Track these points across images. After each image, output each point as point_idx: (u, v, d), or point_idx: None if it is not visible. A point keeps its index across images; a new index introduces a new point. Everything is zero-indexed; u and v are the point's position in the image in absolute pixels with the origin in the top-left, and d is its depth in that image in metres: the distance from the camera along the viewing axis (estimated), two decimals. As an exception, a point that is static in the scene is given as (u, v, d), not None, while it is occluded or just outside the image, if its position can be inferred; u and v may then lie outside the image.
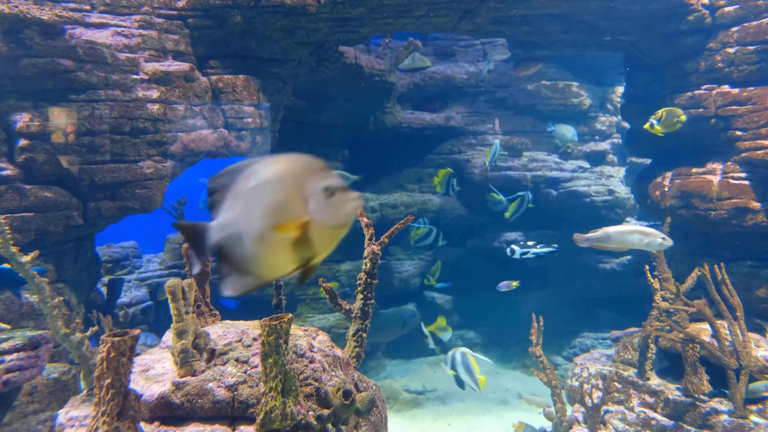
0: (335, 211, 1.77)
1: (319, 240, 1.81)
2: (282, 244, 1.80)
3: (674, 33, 7.79)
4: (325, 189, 1.78)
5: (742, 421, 5.76)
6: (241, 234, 1.86)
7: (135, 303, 9.05)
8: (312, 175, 1.81)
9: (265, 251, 1.84)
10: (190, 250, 2.06)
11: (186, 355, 3.58)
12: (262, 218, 1.81)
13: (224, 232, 1.91)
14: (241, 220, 1.86)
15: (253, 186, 1.87)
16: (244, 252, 1.86)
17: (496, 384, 10.25)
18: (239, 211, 1.88)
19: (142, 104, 6.67)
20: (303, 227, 1.77)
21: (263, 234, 1.81)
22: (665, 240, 5.72)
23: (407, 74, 12.47)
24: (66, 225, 6.30)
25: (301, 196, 1.78)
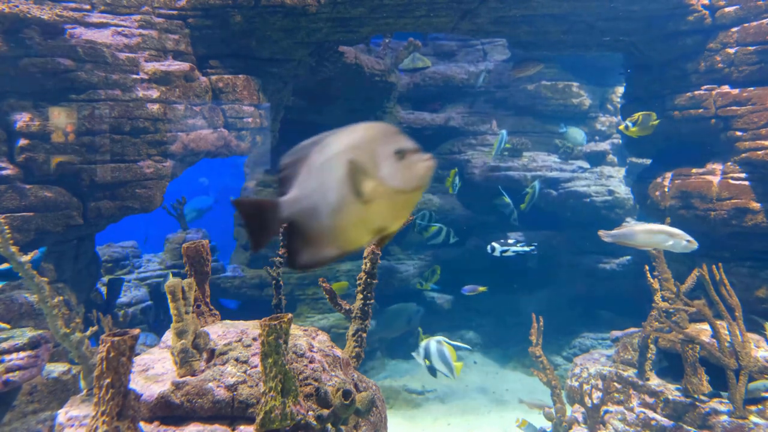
0: (407, 174, 1.73)
1: (393, 206, 1.78)
2: (358, 214, 1.77)
3: (674, 33, 7.79)
4: (396, 152, 1.75)
5: (742, 421, 5.76)
6: (316, 207, 1.85)
7: (135, 303, 9.04)
8: (383, 140, 1.79)
9: (341, 222, 1.81)
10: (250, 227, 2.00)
11: (186, 354, 3.58)
12: (337, 190, 1.78)
13: (297, 206, 1.90)
14: (316, 193, 1.85)
15: (326, 158, 1.86)
16: (319, 225, 1.85)
17: (496, 384, 10.25)
18: (313, 184, 1.87)
19: (142, 104, 6.67)
20: (377, 194, 1.73)
21: (339, 205, 1.79)
22: (690, 242, 5.67)
23: (407, 74, 12.48)
24: (66, 225, 6.30)
25: (375, 163, 1.75)
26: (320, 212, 1.84)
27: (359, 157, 1.77)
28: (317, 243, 1.88)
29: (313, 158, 1.90)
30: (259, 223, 1.97)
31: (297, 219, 1.90)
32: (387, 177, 1.73)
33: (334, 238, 1.85)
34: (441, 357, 7.04)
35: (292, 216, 1.90)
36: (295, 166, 1.94)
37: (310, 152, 1.92)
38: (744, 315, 6.07)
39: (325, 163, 1.86)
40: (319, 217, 1.84)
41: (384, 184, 1.73)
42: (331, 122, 10.97)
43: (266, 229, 1.97)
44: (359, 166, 1.75)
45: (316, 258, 1.88)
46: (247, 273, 10.78)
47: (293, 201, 1.91)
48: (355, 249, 1.92)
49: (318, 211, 1.84)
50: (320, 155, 1.88)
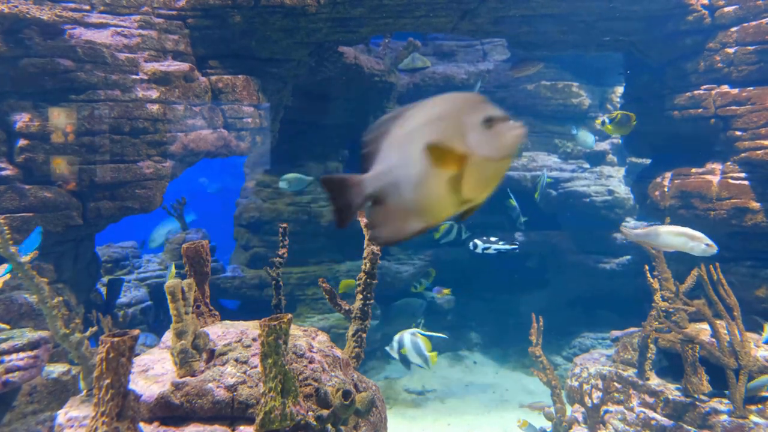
0: (496, 142, 1.69)
1: (481, 177, 1.74)
2: (443, 185, 1.74)
3: (674, 33, 7.79)
4: (484, 121, 1.70)
5: (742, 421, 5.77)
6: (399, 181, 1.83)
7: (134, 303, 9.04)
8: (469, 109, 1.74)
9: (426, 195, 1.79)
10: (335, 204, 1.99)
11: (185, 355, 3.58)
12: (421, 162, 1.75)
13: (380, 182, 1.88)
14: (399, 166, 1.83)
15: (409, 131, 1.83)
16: (402, 199, 1.83)
17: (496, 384, 10.25)
18: (396, 158, 1.85)
19: (141, 104, 6.67)
20: (463, 163, 1.70)
21: (423, 178, 1.76)
22: (710, 246, 5.71)
23: (407, 74, 12.47)
24: (65, 225, 6.30)
25: (460, 132, 1.71)
26: (403, 186, 1.82)
27: (444, 128, 1.73)
28: (401, 217, 1.86)
29: (395, 132, 1.88)
30: (344, 199, 1.95)
31: (381, 194, 1.88)
32: (475, 146, 1.69)
33: (418, 211, 1.83)
34: (415, 349, 7.07)
35: (376, 191, 1.89)
36: (376, 142, 1.92)
37: (391, 127, 1.90)
38: (744, 314, 6.07)
39: (407, 136, 1.83)
40: (403, 191, 1.82)
41: (472, 153, 1.69)
42: (331, 122, 10.97)
43: (351, 206, 1.95)
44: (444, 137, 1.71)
45: (399, 233, 1.87)
46: (247, 273, 10.78)
47: (376, 176, 1.89)
48: (440, 222, 1.90)
49: (401, 185, 1.83)
50: (402, 129, 1.86)
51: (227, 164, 15.89)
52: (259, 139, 8.04)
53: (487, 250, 8.50)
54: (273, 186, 11.18)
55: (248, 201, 11.44)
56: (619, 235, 11.05)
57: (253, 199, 11.38)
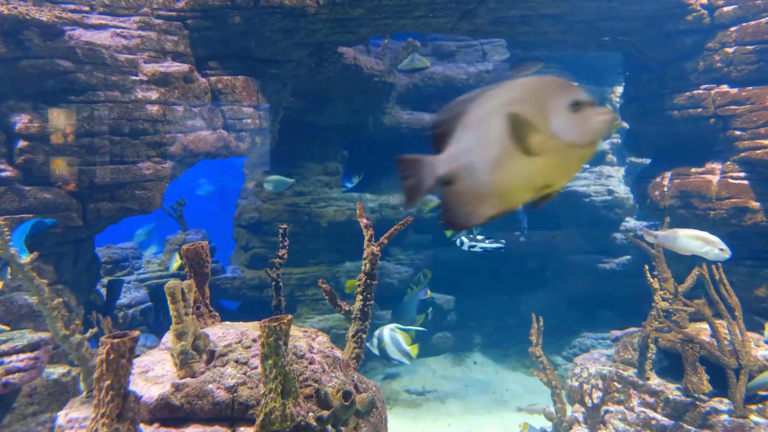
0: (582, 127, 1.63)
1: (563, 162, 1.69)
2: (521, 170, 1.70)
3: (673, 33, 7.79)
4: (569, 105, 1.65)
5: (742, 420, 5.77)
6: (474, 163, 1.78)
7: (134, 304, 9.03)
8: (554, 92, 1.69)
9: (502, 179, 1.74)
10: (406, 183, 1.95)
11: (185, 356, 3.58)
12: (499, 144, 1.70)
13: (454, 163, 1.83)
14: (475, 148, 1.78)
15: (488, 112, 1.77)
16: (476, 182, 1.79)
17: (496, 384, 10.25)
18: (472, 139, 1.80)
19: (141, 105, 6.67)
20: (545, 147, 1.65)
21: (501, 161, 1.71)
22: (723, 251, 5.76)
23: (406, 75, 12.47)
24: (65, 226, 6.30)
25: (543, 116, 1.66)
26: (479, 169, 1.77)
27: (527, 110, 1.67)
28: (474, 201, 1.82)
29: (472, 113, 1.83)
30: (416, 179, 1.92)
31: (453, 176, 1.84)
32: (559, 130, 1.64)
33: (493, 195, 1.78)
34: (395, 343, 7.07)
35: (449, 173, 1.85)
36: (450, 123, 1.88)
37: (468, 108, 1.84)
38: (744, 314, 6.07)
39: (485, 117, 1.78)
40: (478, 174, 1.78)
41: (555, 137, 1.64)
42: (331, 123, 10.98)
43: (422, 186, 1.92)
44: (526, 119, 1.65)
45: (473, 217, 1.83)
46: (247, 274, 10.78)
47: (450, 158, 1.85)
48: (515, 207, 1.85)
49: (476, 168, 1.78)
50: (480, 110, 1.81)
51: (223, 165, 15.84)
52: (259, 139, 8.04)
53: (473, 248, 8.53)
54: (273, 187, 11.18)
55: (248, 202, 11.45)
56: (619, 235, 11.06)
57: (252, 199, 11.38)
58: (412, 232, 11.73)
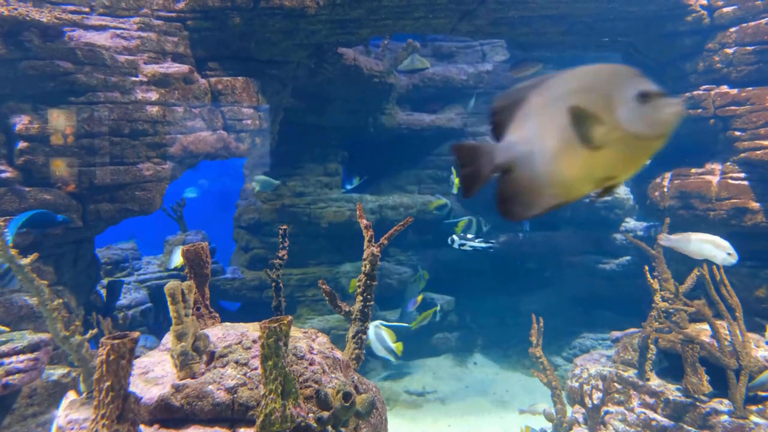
0: (650, 119, 1.55)
1: (628, 154, 1.62)
2: (583, 162, 1.64)
3: (673, 34, 7.80)
4: (637, 95, 1.58)
5: (743, 421, 5.76)
6: (534, 152, 1.73)
7: (134, 305, 9.03)
8: (621, 81, 1.62)
9: (563, 170, 1.68)
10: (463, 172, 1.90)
11: (185, 357, 3.57)
12: (560, 135, 1.65)
13: (513, 152, 1.78)
14: (535, 138, 1.73)
15: (550, 101, 1.72)
16: (536, 172, 1.73)
17: (496, 385, 10.25)
18: (532, 128, 1.74)
19: (141, 106, 6.67)
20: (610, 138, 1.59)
21: (561, 152, 1.66)
22: (731, 255, 5.80)
23: (406, 76, 12.47)
24: (65, 227, 6.30)
25: (609, 106, 1.59)
26: (538, 159, 1.72)
27: (591, 100, 1.61)
28: (533, 191, 1.77)
29: (533, 101, 1.77)
30: (473, 167, 1.87)
31: (512, 165, 1.79)
32: (625, 122, 1.57)
33: (552, 186, 1.73)
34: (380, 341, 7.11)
35: (507, 162, 1.80)
36: (509, 111, 1.83)
37: (528, 95, 1.79)
38: (744, 315, 6.07)
39: (546, 105, 1.72)
40: (537, 164, 1.72)
41: (620, 129, 1.57)
42: (330, 124, 10.97)
43: (479, 175, 1.87)
44: (589, 112, 1.59)
45: (531, 207, 1.78)
46: (247, 275, 10.78)
47: (509, 146, 1.80)
48: (575, 198, 1.79)
49: (536, 157, 1.73)
50: (541, 98, 1.75)
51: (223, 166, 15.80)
52: (259, 140, 8.04)
53: (463, 246, 8.57)
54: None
55: (248, 203, 11.45)
56: (619, 236, 11.05)
57: (252, 200, 11.38)
58: (412, 232, 11.73)
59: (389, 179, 12.55)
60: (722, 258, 5.85)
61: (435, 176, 12.40)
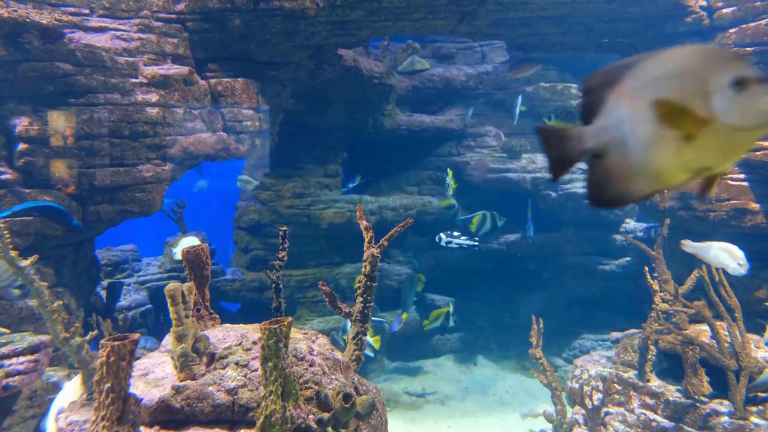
0: (747, 109, 1.46)
1: (724, 145, 1.54)
2: (677, 151, 1.57)
3: (672, 34, 7.81)
4: (733, 82, 1.48)
5: (743, 422, 5.76)
6: (625, 139, 1.66)
7: (134, 306, 9.03)
8: (716, 66, 1.52)
9: (655, 159, 1.62)
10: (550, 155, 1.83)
11: (186, 358, 3.57)
12: (651, 122, 1.58)
13: (603, 137, 1.72)
14: (626, 123, 1.66)
15: (642, 84, 1.64)
16: (626, 159, 1.67)
17: (496, 386, 10.24)
18: (624, 112, 1.67)
19: (141, 108, 6.67)
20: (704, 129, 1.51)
21: (654, 140, 1.59)
22: (741, 265, 5.85)
23: (406, 77, 12.48)
24: (65, 229, 6.29)
25: (703, 92, 1.50)
26: (629, 146, 1.65)
27: (683, 88, 1.54)
28: (624, 178, 1.70)
29: (625, 84, 1.69)
30: (560, 152, 1.81)
31: (602, 150, 1.73)
32: (720, 112, 1.49)
33: (644, 175, 1.66)
34: None
35: (597, 147, 1.74)
36: (601, 92, 1.75)
37: (621, 76, 1.71)
38: (744, 316, 6.07)
39: (639, 90, 1.64)
40: (628, 151, 1.66)
41: (715, 120, 1.49)
42: (330, 125, 10.97)
43: (567, 159, 1.81)
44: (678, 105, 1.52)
45: (622, 195, 1.72)
46: (247, 276, 10.78)
47: (599, 131, 1.73)
48: (670, 187, 1.73)
49: (626, 145, 1.66)
50: (633, 81, 1.67)
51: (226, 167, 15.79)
52: (259, 141, 8.05)
53: (449, 244, 8.66)
54: (273, 189, 11.18)
55: (248, 204, 11.45)
56: (619, 237, 11.05)
57: (252, 201, 11.38)
58: (412, 233, 11.73)
59: (389, 180, 12.55)
60: (733, 267, 5.92)
61: (435, 177, 12.41)
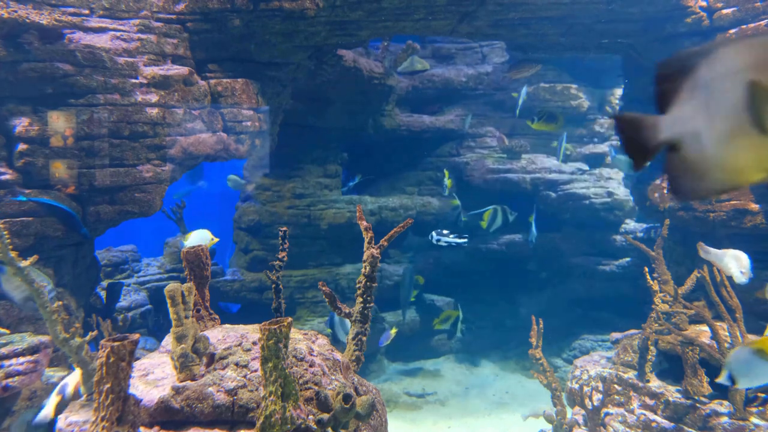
0: None
1: None
2: (758, 148, 1.48)
3: (672, 35, 7.81)
4: None
5: (743, 422, 5.76)
6: (700, 132, 1.58)
7: (134, 307, 9.03)
8: None
9: (733, 155, 1.53)
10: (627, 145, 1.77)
11: (185, 359, 3.57)
12: (731, 115, 1.50)
13: (678, 128, 1.64)
14: (702, 115, 1.57)
15: (722, 74, 1.54)
16: (702, 153, 1.59)
17: (496, 386, 10.24)
18: (700, 104, 1.58)
19: (141, 108, 6.67)
20: None
21: (731, 135, 1.51)
22: (743, 274, 5.89)
23: (406, 77, 12.49)
24: (65, 229, 6.30)
25: None
26: (705, 139, 1.57)
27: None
28: (700, 174, 1.62)
29: (701, 73, 1.60)
30: (636, 141, 1.75)
31: (679, 141, 1.65)
32: None
33: (719, 171, 1.58)
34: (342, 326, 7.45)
35: (672, 138, 1.66)
36: (676, 80, 1.67)
37: (697, 64, 1.62)
38: (744, 316, 6.07)
39: (717, 79, 1.55)
40: (704, 144, 1.58)
41: None
42: (330, 125, 10.99)
43: (644, 149, 1.74)
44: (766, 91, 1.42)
45: (698, 189, 1.65)
46: (247, 276, 10.77)
47: (674, 121, 1.66)
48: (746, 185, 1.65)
49: (702, 138, 1.58)
50: (712, 69, 1.57)
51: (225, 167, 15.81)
52: (259, 142, 8.05)
53: (438, 241, 8.83)
54: (273, 189, 11.18)
55: (248, 204, 11.45)
56: (619, 237, 11.06)
57: (252, 202, 11.38)
58: (412, 234, 11.73)
59: (389, 181, 12.55)
60: (737, 276, 5.95)
61: (434, 178, 12.41)
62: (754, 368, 4.45)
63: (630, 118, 1.79)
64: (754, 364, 4.43)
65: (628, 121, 1.79)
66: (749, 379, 4.55)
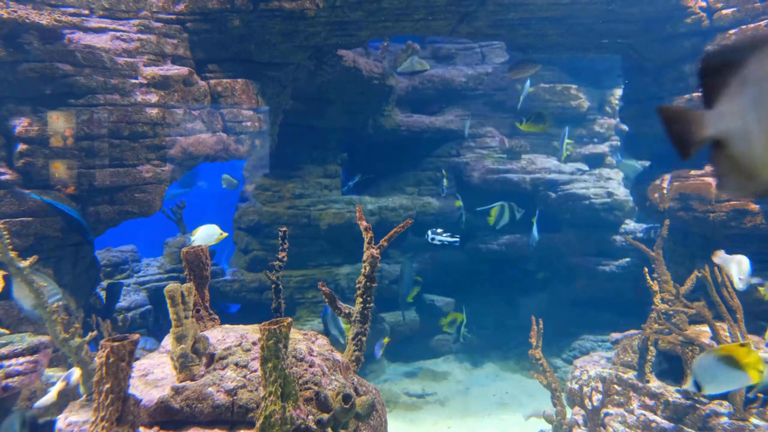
0: None
1: None
2: None
3: (672, 35, 7.81)
4: None
5: (742, 423, 5.76)
6: (748, 129, 1.52)
7: (134, 307, 9.03)
8: None
9: None
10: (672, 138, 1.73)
11: (185, 359, 3.57)
12: None
13: (724, 124, 1.58)
14: (749, 112, 1.51)
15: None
16: (750, 150, 1.53)
17: (496, 387, 10.24)
18: (747, 100, 1.52)
19: (140, 108, 6.67)
20: None
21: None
22: (741, 280, 5.94)
23: (406, 77, 12.49)
24: (65, 229, 6.29)
25: None
26: (753, 136, 1.51)
27: None
28: (750, 171, 1.56)
29: (751, 68, 1.53)
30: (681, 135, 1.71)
31: (725, 138, 1.59)
32: None
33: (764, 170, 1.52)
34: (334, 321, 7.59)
35: (719, 134, 1.60)
36: (723, 74, 1.59)
37: (747, 59, 1.54)
38: (744, 316, 6.07)
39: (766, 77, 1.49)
40: (751, 142, 1.52)
41: None
42: (330, 125, 10.98)
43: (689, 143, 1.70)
44: None
45: (748, 188, 1.60)
46: (247, 277, 10.77)
47: (720, 116, 1.59)
48: None
49: (750, 135, 1.52)
50: (761, 66, 1.50)
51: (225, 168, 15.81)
52: (258, 142, 8.05)
53: (433, 240, 8.96)
54: (272, 189, 11.18)
55: (247, 204, 11.45)
56: (619, 238, 11.06)
57: (252, 202, 11.39)
58: (412, 234, 11.74)
59: (389, 181, 12.55)
60: (737, 281, 5.98)
61: (434, 178, 12.41)
62: (718, 375, 4.48)
63: (674, 112, 1.75)
64: (719, 371, 4.46)
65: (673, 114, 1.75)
66: (715, 385, 4.59)
